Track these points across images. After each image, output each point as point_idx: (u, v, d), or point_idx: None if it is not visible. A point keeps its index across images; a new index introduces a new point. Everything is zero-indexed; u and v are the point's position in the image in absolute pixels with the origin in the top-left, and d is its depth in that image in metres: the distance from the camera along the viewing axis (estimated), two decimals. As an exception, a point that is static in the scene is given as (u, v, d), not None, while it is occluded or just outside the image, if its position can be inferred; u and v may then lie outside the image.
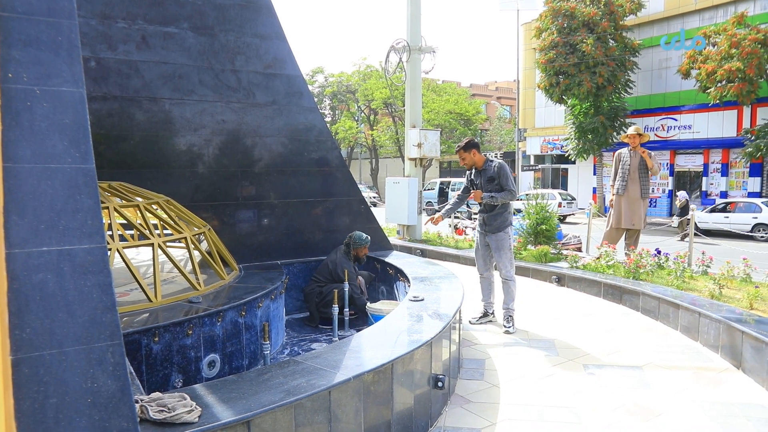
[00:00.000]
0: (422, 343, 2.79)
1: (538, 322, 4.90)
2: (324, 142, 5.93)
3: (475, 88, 45.09)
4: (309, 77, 38.30)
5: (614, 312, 5.23)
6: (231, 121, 5.36)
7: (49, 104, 1.63)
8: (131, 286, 3.84)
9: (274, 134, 5.63)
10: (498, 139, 39.28)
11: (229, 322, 3.59)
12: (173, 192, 4.81)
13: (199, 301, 3.60)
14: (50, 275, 1.53)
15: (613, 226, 6.77)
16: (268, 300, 4.14)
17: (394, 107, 32.80)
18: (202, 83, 5.18)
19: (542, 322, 4.90)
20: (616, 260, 6.31)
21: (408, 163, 9.49)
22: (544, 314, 5.16)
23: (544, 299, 5.77)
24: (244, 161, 5.49)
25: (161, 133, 5.03)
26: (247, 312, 3.76)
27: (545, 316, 5.08)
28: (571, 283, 6.18)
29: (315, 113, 5.96)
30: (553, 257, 7.01)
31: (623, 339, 4.38)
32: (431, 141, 9.25)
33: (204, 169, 5.25)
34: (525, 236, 7.77)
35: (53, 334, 1.50)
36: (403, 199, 9.19)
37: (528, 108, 26.91)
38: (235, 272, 4.55)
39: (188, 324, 3.26)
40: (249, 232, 5.50)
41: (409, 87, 9.34)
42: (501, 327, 4.70)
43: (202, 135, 5.20)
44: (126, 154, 4.89)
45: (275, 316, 4.35)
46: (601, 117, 19.47)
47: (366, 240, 5.38)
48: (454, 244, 8.67)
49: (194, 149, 5.19)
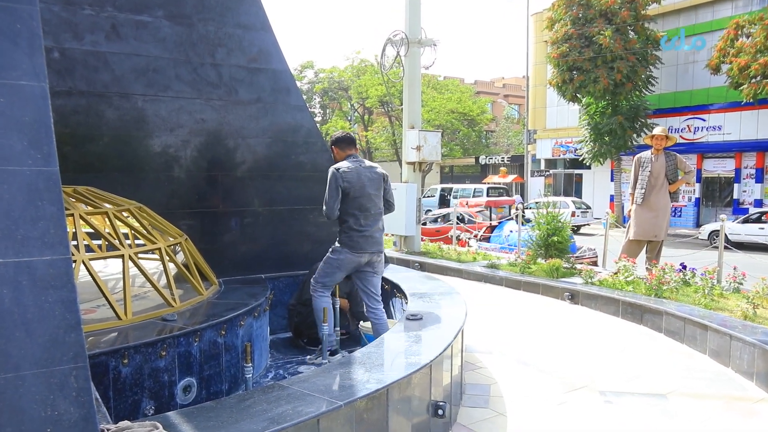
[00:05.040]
0: (421, 367, 2.79)
1: (549, 343, 4.90)
2: (313, 143, 5.93)
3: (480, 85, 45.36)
4: (297, 72, 38.44)
5: (634, 333, 5.23)
6: (211, 120, 5.36)
7: (7, 99, 1.63)
8: (98, 302, 3.82)
9: (258, 135, 5.64)
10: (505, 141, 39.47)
11: (208, 343, 3.57)
12: (146, 198, 4.80)
13: (173, 318, 3.59)
14: (6, 290, 1.52)
15: (633, 238, 6.79)
16: (251, 318, 4.12)
17: (390, 106, 32.91)
18: (179, 78, 5.19)
19: (554, 343, 4.90)
20: (636, 276, 6.32)
21: (406, 167, 9.52)
22: (556, 335, 5.16)
23: (556, 318, 5.77)
24: (226, 164, 5.48)
25: (133, 133, 5.03)
26: (227, 331, 3.75)
27: (557, 337, 5.08)
28: (586, 301, 6.19)
29: (304, 112, 5.96)
30: (566, 272, 7.02)
31: (644, 363, 4.38)
32: (431, 143, 9.29)
33: (181, 173, 5.25)
34: (535, 249, 7.79)
35: (9, 356, 1.49)
36: (401, 207, 9.16)
37: (538, 107, 27.07)
38: (215, 287, 4.54)
39: (161, 344, 3.24)
40: (230, 243, 5.49)
41: (408, 84, 9.38)
42: (510, 348, 4.69)
43: (178, 135, 5.21)
44: (94, 155, 4.88)
45: (258, 336, 4.34)
46: (620, 117, 19.60)
47: None
48: (456, 257, 8.67)
49: (170, 151, 5.18)
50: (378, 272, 4.34)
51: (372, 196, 4.20)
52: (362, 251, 4.20)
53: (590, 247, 10.20)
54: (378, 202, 4.24)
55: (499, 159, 34.61)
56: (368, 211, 4.19)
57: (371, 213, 4.20)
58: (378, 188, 4.24)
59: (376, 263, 4.30)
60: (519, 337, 5.13)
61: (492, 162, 35.00)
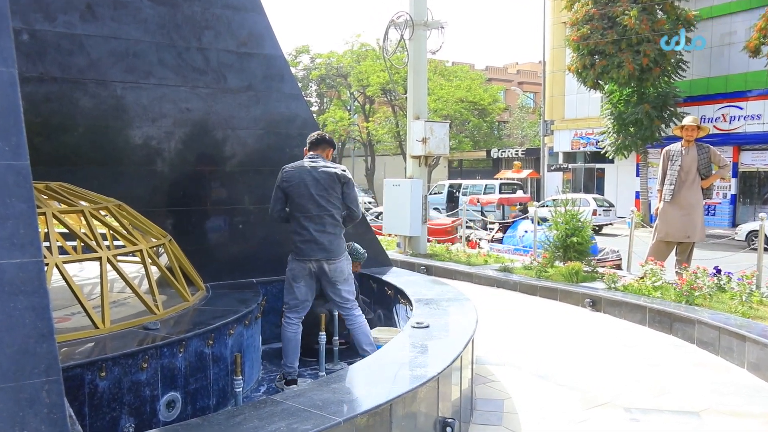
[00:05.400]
0: (427, 380, 2.78)
1: (568, 354, 4.90)
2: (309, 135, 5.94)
3: (492, 72, 45.35)
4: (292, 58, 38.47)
5: (662, 344, 5.22)
6: (197, 109, 5.37)
7: (-26, 86, 1.63)
8: (73, 309, 3.82)
9: (249, 126, 5.64)
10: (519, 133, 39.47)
11: (194, 354, 3.57)
12: (126, 195, 4.80)
13: (156, 327, 3.59)
14: (-28, 295, 1.52)
15: (661, 239, 6.77)
16: (241, 326, 4.13)
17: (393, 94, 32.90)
18: (162, 63, 5.19)
19: (574, 354, 4.89)
20: (665, 280, 6.31)
21: (410, 161, 9.52)
22: (575, 345, 5.16)
23: (576, 327, 5.77)
24: (214, 158, 5.49)
25: (111, 123, 5.03)
26: (215, 341, 3.75)
27: (577, 348, 5.08)
28: (609, 308, 6.18)
29: (299, 101, 5.95)
30: (587, 276, 7.02)
31: (674, 377, 4.37)
32: (438, 135, 9.28)
33: (164, 168, 5.25)
34: (552, 251, 7.80)
35: (-25, 368, 1.48)
36: (405, 205, 9.21)
37: (556, 95, 27.03)
38: (201, 292, 4.55)
39: (143, 355, 3.24)
40: (218, 244, 5.49)
41: (413, 70, 9.38)
42: (525, 359, 4.69)
43: (161, 126, 5.21)
44: (68, 148, 4.88)
45: (249, 346, 4.34)
46: (646, 106, 19.54)
47: (363, 255, 5.41)
48: (466, 260, 8.69)
49: (152, 143, 5.19)
50: (333, 281, 4.32)
51: (315, 197, 4.21)
52: (305, 258, 4.26)
53: (613, 248, 10.19)
54: (324, 203, 4.22)
55: (512, 152, 34.59)
56: (308, 213, 4.22)
57: (312, 215, 4.21)
58: (325, 189, 4.23)
59: (330, 272, 4.28)
60: (535, 347, 5.13)
61: (505, 156, 34.99)
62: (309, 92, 40.51)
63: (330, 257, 4.26)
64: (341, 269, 4.33)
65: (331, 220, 4.25)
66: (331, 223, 4.26)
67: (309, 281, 4.38)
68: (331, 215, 4.25)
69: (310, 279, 4.37)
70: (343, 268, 4.34)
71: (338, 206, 4.28)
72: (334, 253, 4.27)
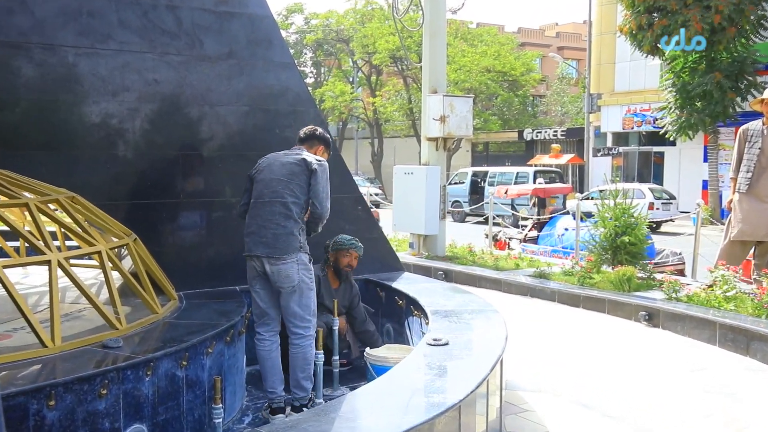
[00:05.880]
0: (446, 409, 2.78)
1: (618, 379, 4.88)
2: (303, 113, 5.94)
3: (526, 35, 45.26)
4: (282, 19, 38.59)
5: (737, 367, 5.19)
6: (167, 81, 5.38)
7: None
8: (15, 325, 3.82)
9: (230, 101, 5.65)
10: (558, 110, 39.36)
11: (164, 377, 3.58)
12: (81, 185, 4.82)
13: (118, 345, 3.60)
14: None
15: (736, 239, 6.73)
16: (222, 344, 4.14)
17: (405, 63, 32.91)
18: (124, 25, 5.19)
19: (625, 379, 4.88)
20: (740, 290, 6.27)
21: (426, 144, 9.53)
22: (627, 368, 5.14)
23: (628, 345, 5.75)
24: (188, 141, 5.50)
25: (62, 97, 5.04)
26: (189, 361, 3.76)
27: (629, 371, 5.06)
28: (669, 323, 6.15)
29: (291, 71, 5.95)
30: (642, 284, 6.99)
31: (754, 410, 4.32)
32: (460, 113, 9.27)
33: (127, 152, 5.27)
34: (598, 253, 7.78)
35: None
36: (419, 198, 9.22)
37: (604, 63, 26.93)
38: (173, 302, 4.57)
39: (101, 380, 3.24)
40: (194, 244, 5.51)
41: (429, 33, 9.37)
42: (565, 384, 4.67)
43: (124, 102, 5.23)
44: (8, 128, 4.89)
45: (232, 368, 4.35)
46: (718, 74, 19.35)
47: (350, 243, 5.30)
48: (493, 263, 8.69)
49: (112, 122, 5.20)
50: (278, 288, 4.28)
51: (272, 181, 4.28)
52: (249, 253, 4.31)
53: (675, 250, 10.14)
54: (280, 189, 4.25)
55: (550, 133, 34.51)
56: (261, 199, 4.29)
57: (264, 201, 4.27)
58: (286, 175, 4.28)
59: (272, 274, 4.24)
60: (577, 370, 5.13)
61: (541, 137, 34.93)
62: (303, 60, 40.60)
63: (271, 254, 4.21)
64: (287, 274, 4.23)
65: (283, 209, 4.23)
66: (282, 212, 4.24)
67: (266, 284, 4.36)
68: (284, 204, 4.24)
69: (267, 282, 4.35)
70: (291, 273, 4.23)
71: (297, 196, 4.27)
72: (278, 251, 4.21)
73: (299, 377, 4.36)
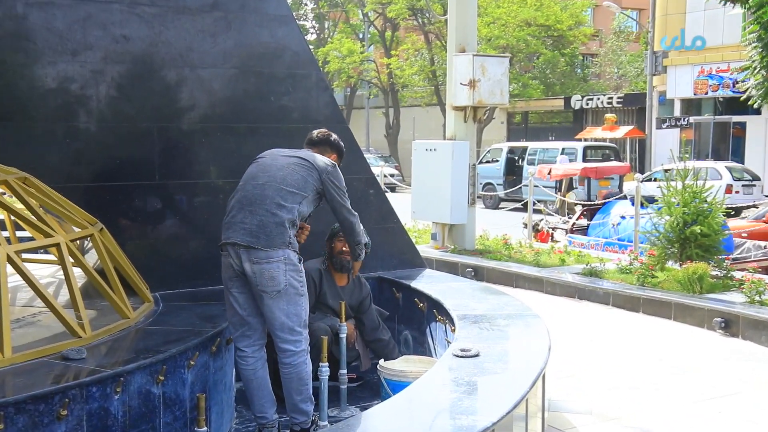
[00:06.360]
0: (477, 433, 2.79)
1: (687, 400, 4.87)
2: (304, 77, 5.95)
3: (575, -21, 44.74)
4: (276, -39, 38.38)
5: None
6: (139, 38, 5.38)
7: None
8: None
9: (216, 63, 5.65)
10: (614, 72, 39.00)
11: (136, 395, 3.58)
12: (35, 164, 4.84)
13: (81, 356, 3.60)
14: None
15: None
16: (206, 354, 4.15)
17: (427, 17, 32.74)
18: (86, -30, 5.19)
19: (695, 400, 4.86)
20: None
21: (452, 115, 9.54)
22: (698, 387, 5.13)
23: (699, 359, 5.74)
24: (164, 111, 5.51)
25: (10, 58, 5.05)
26: (167, 376, 3.76)
27: (701, 391, 5.05)
28: (751, 332, 6.15)
29: (288, 27, 5.94)
30: (716, 284, 6.99)
31: None
32: (493, 76, 9.27)
33: (90, 125, 5.29)
34: (663, 246, 7.77)
35: None
36: (443, 180, 9.24)
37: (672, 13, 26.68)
38: (148, 305, 4.59)
39: (60, 398, 3.23)
40: (173, 236, 5.53)
41: (456, -23, 9.36)
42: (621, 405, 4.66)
43: (86, 63, 5.23)
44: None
45: (218, 383, 4.36)
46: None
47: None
48: (534, 259, 8.73)
49: (72, 88, 5.21)
50: (260, 291, 4.16)
51: (272, 167, 4.29)
52: (226, 241, 4.20)
53: (759, 243, 10.08)
54: (282, 176, 4.22)
55: (604, 100, 34.22)
56: (255, 180, 4.28)
57: (258, 183, 4.25)
58: (290, 167, 4.28)
59: (252, 273, 4.12)
60: (636, 389, 5.12)
61: (592, 106, 34.63)
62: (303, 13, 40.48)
63: (253, 244, 4.08)
64: (271, 275, 4.10)
65: (277, 195, 4.18)
66: (275, 199, 4.17)
67: (246, 287, 4.24)
68: (280, 189, 4.19)
69: (247, 284, 4.23)
70: (276, 274, 4.10)
71: (300, 188, 4.23)
72: (261, 241, 4.09)
73: (296, 401, 4.27)
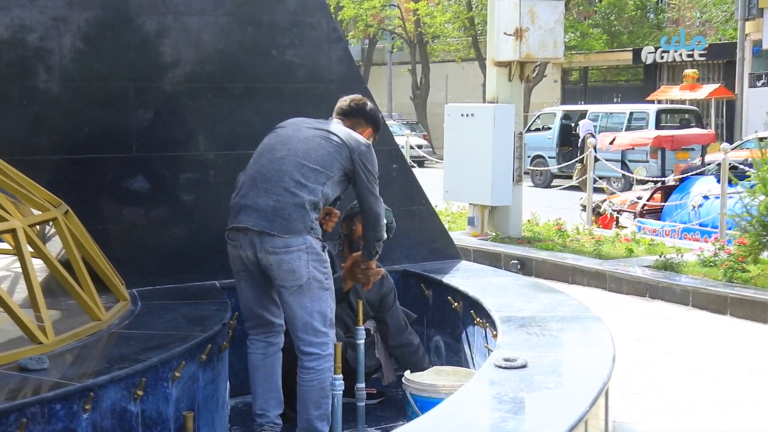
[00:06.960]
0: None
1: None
2: (312, 26, 5.98)
3: None
4: None
5: None
6: (109, -23, 5.44)
7: None
8: None
9: (204, 9, 5.71)
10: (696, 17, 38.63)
11: (110, 413, 3.61)
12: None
13: (42, 366, 3.63)
14: None
15: None
16: (194, 364, 4.21)
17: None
18: None
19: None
20: None
21: (494, 71, 9.60)
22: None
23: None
24: (142, 68, 5.57)
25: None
26: (147, 390, 3.80)
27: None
28: None
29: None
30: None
31: None
32: (545, 24, 9.34)
33: (53, 85, 5.37)
34: (756, 233, 7.78)
35: None
36: (483, 152, 9.28)
37: (769, -60, 26.44)
38: (123, 304, 4.66)
39: (17, 417, 3.23)
40: (154, 221, 5.62)
41: None
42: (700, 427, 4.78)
43: (47, 8, 5.28)
44: None
45: (209, 399, 4.42)
46: None
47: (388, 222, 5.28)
48: (594, 249, 8.80)
49: (30, 39, 5.27)
50: (279, 286, 4.32)
51: (294, 139, 4.43)
52: (235, 224, 4.37)
53: None
54: (305, 150, 4.35)
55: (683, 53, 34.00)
56: (272, 153, 4.42)
57: (275, 157, 4.38)
58: (314, 139, 4.40)
59: (273, 266, 4.26)
60: (720, 408, 5.16)
61: (668, 60, 34.42)
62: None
63: (268, 230, 4.21)
64: (292, 267, 4.24)
65: (297, 172, 4.30)
66: (295, 177, 4.29)
67: (257, 283, 4.45)
68: (300, 165, 4.31)
69: (258, 279, 4.43)
70: (297, 266, 4.25)
71: (325, 166, 4.34)
72: (278, 227, 4.22)
73: (312, 416, 4.38)
